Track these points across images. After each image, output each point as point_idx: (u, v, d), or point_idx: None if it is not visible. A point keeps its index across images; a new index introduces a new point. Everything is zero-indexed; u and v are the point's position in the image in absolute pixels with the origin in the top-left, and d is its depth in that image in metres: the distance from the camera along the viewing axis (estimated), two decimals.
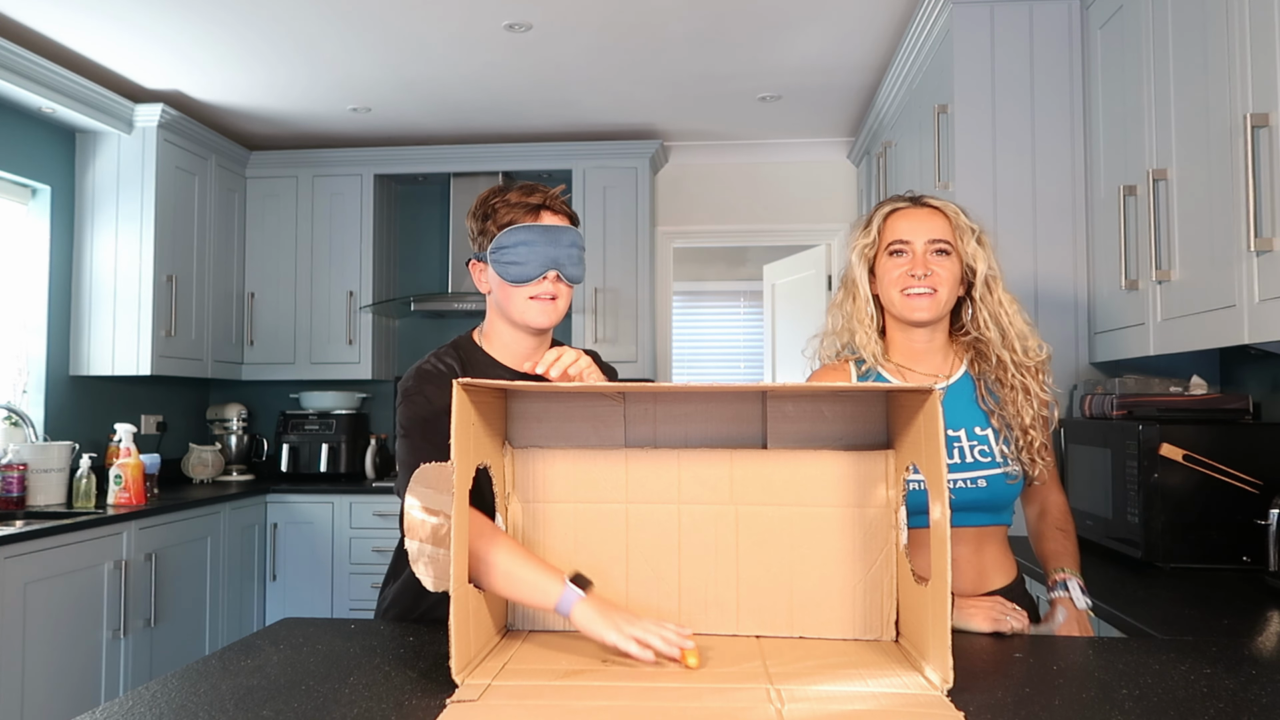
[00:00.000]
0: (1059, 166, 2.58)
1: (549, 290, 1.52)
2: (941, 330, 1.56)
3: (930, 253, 1.51)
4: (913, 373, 1.55)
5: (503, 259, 1.51)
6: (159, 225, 3.73)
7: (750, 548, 1.32)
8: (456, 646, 1.09)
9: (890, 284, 1.53)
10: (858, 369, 1.57)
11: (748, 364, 6.53)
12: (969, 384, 1.54)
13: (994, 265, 1.53)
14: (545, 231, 1.51)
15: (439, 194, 4.66)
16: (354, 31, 3.13)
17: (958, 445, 1.49)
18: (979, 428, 1.50)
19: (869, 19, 3.06)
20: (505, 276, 1.51)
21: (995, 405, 1.51)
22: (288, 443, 4.32)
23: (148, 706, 1.04)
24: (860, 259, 1.57)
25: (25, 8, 2.92)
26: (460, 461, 1.13)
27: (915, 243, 1.51)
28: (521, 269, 1.50)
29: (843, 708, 1.02)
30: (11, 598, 2.63)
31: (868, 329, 1.56)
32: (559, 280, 1.53)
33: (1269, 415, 2.23)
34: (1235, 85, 1.74)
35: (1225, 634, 1.54)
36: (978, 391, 1.53)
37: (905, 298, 1.51)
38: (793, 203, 4.49)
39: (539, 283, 1.51)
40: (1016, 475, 1.50)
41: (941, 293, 1.50)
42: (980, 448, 1.49)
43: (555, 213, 1.55)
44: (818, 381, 1.60)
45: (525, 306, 1.52)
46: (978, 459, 1.49)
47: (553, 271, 1.52)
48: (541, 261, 1.50)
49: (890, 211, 1.57)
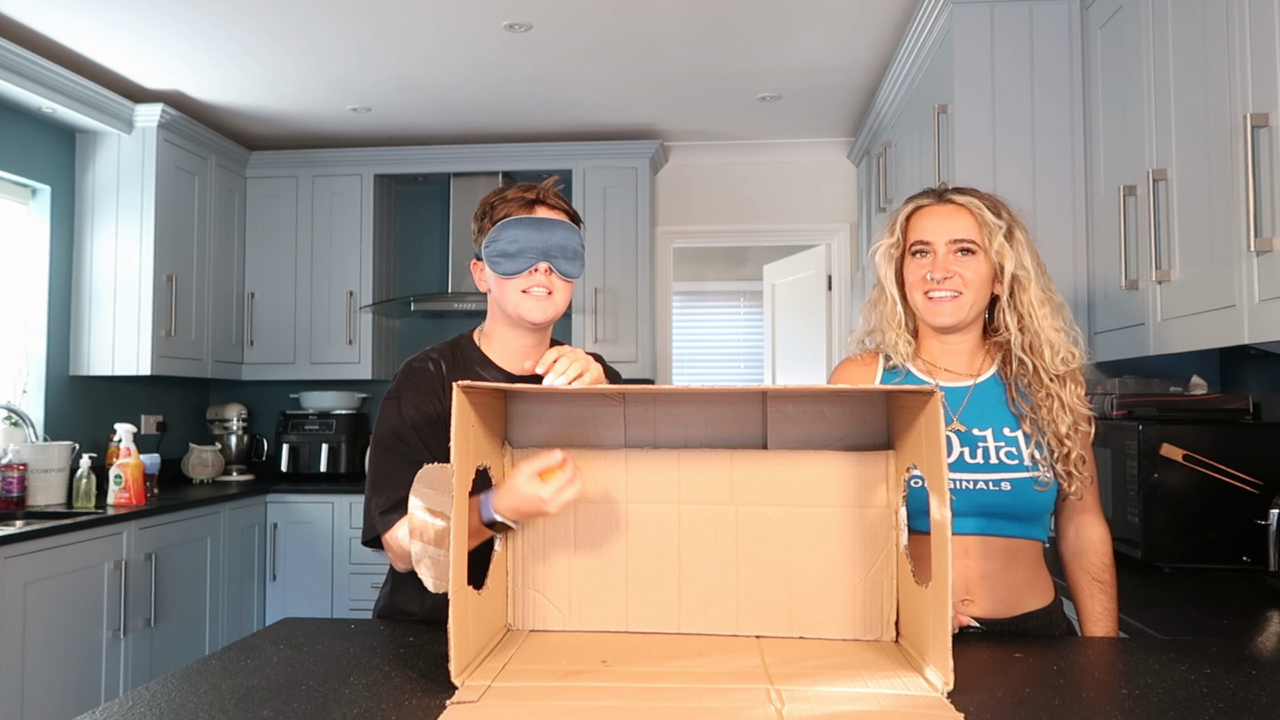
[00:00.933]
0: (1059, 166, 2.57)
1: (541, 283, 1.50)
2: (974, 331, 1.51)
3: (953, 253, 1.45)
4: (941, 371, 1.50)
5: (494, 252, 1.51)
6: (159, 225, 3.73)
7: (750, 548, 1.32)
8: (455, 648, 1.09)
9: (914, 286, 1.48)
10: (885, 362, 1.54)
11: (748, 364, 6.53)
12: (998, 385, 1.49)
13: (1026, 264, 1.45)
14: (537, 224, 1.51)
15: (439, 194, 4.66)
16: (354, 31, 3.13)
17: (983, 445, 1.43)
18: (1008, 429, 1.44)
19: (869, 19, 3.06)
20: (497, 270, 1.51)
21: (1029, 409, 1.45)
22: (288, 443, 4.32)
23: (148, 706, 1.04)
24: (886, 260, 1.53)
25: (25, 8, 2.91)
26: (460, 463, 1.13)
27: (936, 243, 1.46)
28: (511, 261, 1.50)
29: (843, 708, 1.02)
30: (11, 598, 2.63)
31: (897, 330, 1.52)
32: (551, 273, 1.51)
33: (1269, 415, 2.23)
34: (1235, 85, 1.74)
35: (1225, 634, 1.54)
36: (1009, 394, 1.47)
37: (928, 301, 1.46)
38: (793, 203, 4.49)
39: (530, 274, 1.50)
40: (1047, 483, 1.43)
41: (966, 295, 1.44)
42: (1007, 449, 1.43)
43: (551, 208, 1.54)
44: (842, 372, 1.58)
45: (519, 300, 1.51)
46: (1004, 460, 1.42)
47: (543, 264, 1.50)
48: (531, 253, 1.49)
49: (913, 210, 1.51)
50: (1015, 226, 1.47)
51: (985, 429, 1.44)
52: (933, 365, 1.51)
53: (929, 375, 1.50)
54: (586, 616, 1.33)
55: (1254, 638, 1.52)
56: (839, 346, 4.45)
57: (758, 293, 6.03)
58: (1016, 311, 1.46)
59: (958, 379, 1.50)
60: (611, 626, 1.33)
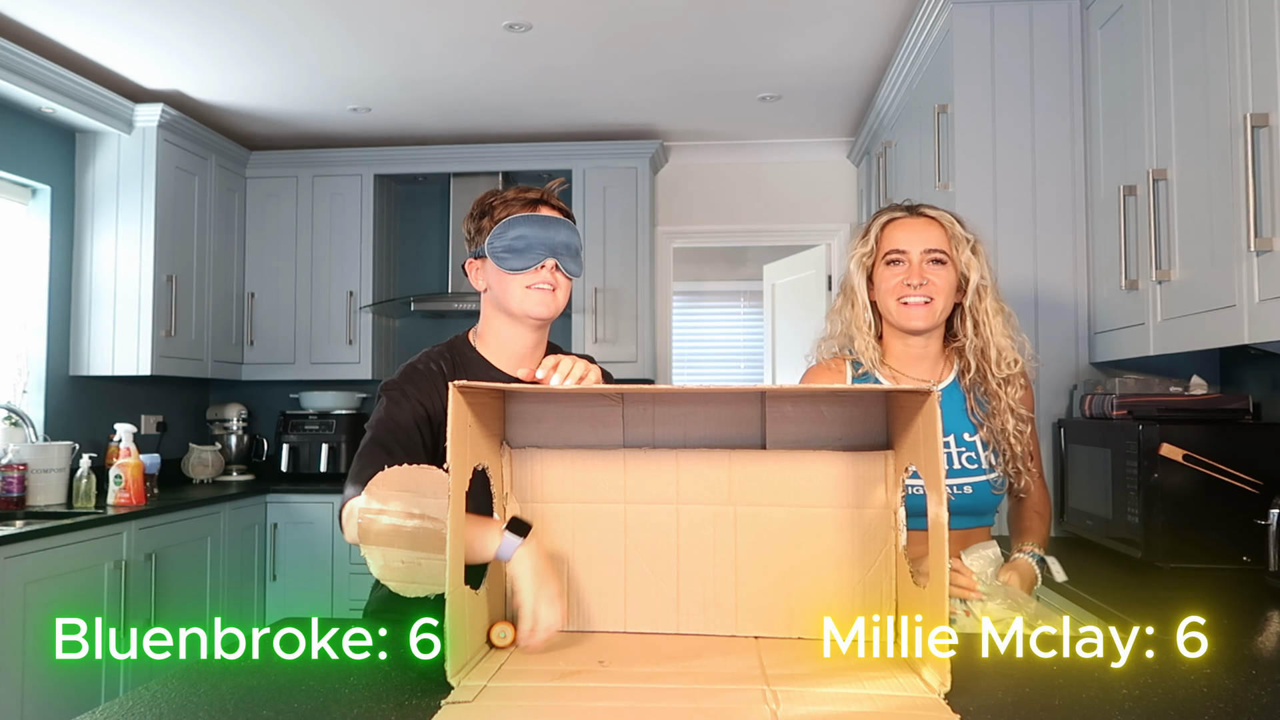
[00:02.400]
0: (1059, 166, 2.57)
1: (548, 279, 1.53)
2: (936, 337, 1.61)
3: (926, 262, 1.55)
4: (906, 377, 1.60)
5: (501, 249, 1.52)
6: (159, 225, 3.73)
7: (749, 548, 1.32)
8: (452, 648, 1.09)
9: (887, 292, 1.58)
10: (854, 369, 1.62)
11: (748, 364, 6.53)
12: (957, 391, 1.59)
13: (987, 275, 1.57)
14: (543, 221, 1.53)
15: (439, 194, 4.66)
16: (354, 31, 3.13)
17: (946, 450, 1.51)
18: (967, 434, 1.55)
19: (869, 19, 3.06)
20: (504, 266, 1.52)
21: (984, 414, 1.56)
22: (288, 443, 4.32)
23: (148, 706, 1.04)
24: (859, 267, 1.62)
25: (25, 8, 2.92)
26: (457, 464, 1.13)
27: (911, 252, 1.56)
28: (520, 257, 1.51)
29: (839, 709, 1.02)
30: (11, 598, 2.63)
31: (865, 335, 1.61)
32: (557, 270, 1.54)
33: (1269, 415, 2.23)
34: (1235, 85, 1.74)
35: (1225, 634, 1.54)
36: (967, 400, 1.58)
37: (902, 306, 1.56)
38: (793, 203, 4.49)
39: (537, 270, 1.52)
40: (1001, 484, 1.56)
41: (937, 301, 1.55)
42: (968, 454, 1.54)
43: (553, 208, 1.57)
44: (813, 378, 1.66)
45: (524, 295, 1.52)
46: (965, 465, 1.54)
47: (551, 260, 1.53)
48: (539, 250, 1.52)
49: (888, 221, 1.61)
50: (978, 241, 1.60)
51: (948, 434, 1.54)
52: (898, 372, 1.61)
53: (893, 381, 1.59)
54: (584, 617, 1.33)
55: (1254, 638, 1.52)
56: None
57: (758, 293, 6.03)
58: (974, 318, 1.58)
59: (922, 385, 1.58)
60: (609, 627, 1.33)
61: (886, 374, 1.61)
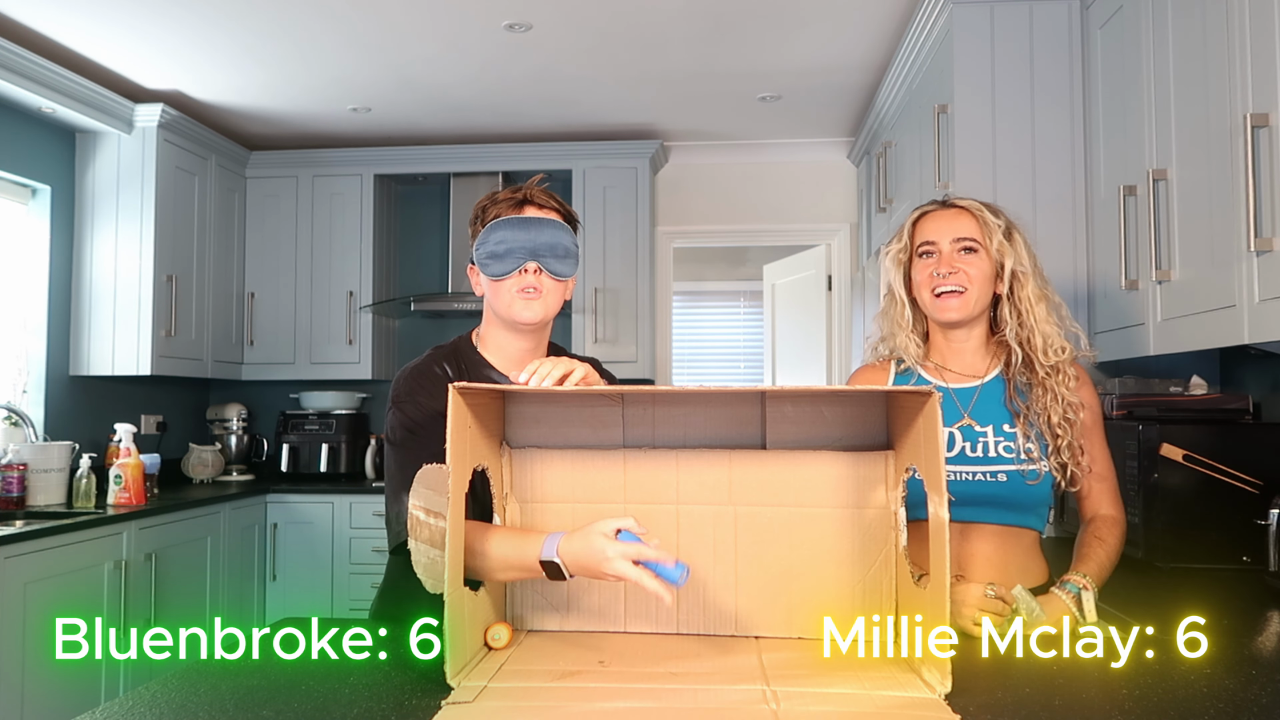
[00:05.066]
0: (1059, 166, 2.57)
1: (530, 283, 1.48)
2: (979, 329, 1.59)
3: (957, 251, 1.54)
4: (949, 372, 1.58)
5: (484, 255, 1.49)
6: (159, 225, 3.72)
7: (749, 548, 1.32)
8: (451, 649, 1.09)
9: (921, 285, 1.57)
10: (897, 368, 1.62)
11: (748, 364, 6.53)
12: (1001, 384, 1.57)
13: (1024, 262, 1.54)
14: (524, 224, 1.48)
15: (439, 194, 4.65)
16: (354, 31, 3.13)
17: (983, 440, 1.51)
18: (1007, 425, 1.53)
19: (869, 19, 3.06)
20: (486, 272, 1.50)
21: (1023, 405, 1.53)
22: (288, 443, 4.32)
23: (148, 706, 1.04)
24: (895, 264, 1.61)
25: (25, 8, 2.91)
26: (456, 464, 1.13)
27: (941, 242, 1.55)
28: (501, 261, 1.48)
29: (839, 709, 1.02)
30: (11, 598, 2.63)
31: (907, 333, 1.60)
32: (540, 273, 1.48)
33: (1269, 415, 2.23)
34: (1235, 85, 1.74)
35: (1225, 634, 1.54)
36: (1007, 391, 1.55)
37: (935, 299, 1.54)
38: (793, 203, 4.49)
39: (519, 275, 1.48)
40: (1039, 475, 1.50)
41: (971, 291, 1.53)
42: (1005, 444, 1.51)
43: (540, 206, 1.52)
44: (856, 379, 1.67)
45: (510, 301, 1.49)
46: (1001, 454, 1.51)
47: (532, 264, 1.48)
48: (519, 253, 1.47)
49: (919, 216, 1.61)
50: (1013, 228, 1.57)
51: (987, 425, 1.53)
52: (942, 367, 1.60)
53: (938, 377, 1.58)
54: (584, 617, 1.33)
55: (1254, 638, 1.52)
56: (839, 347, 4.45)
57: (758, 293, 6.03)
58: (1016, 308, 1.54)
59: (965, 380, 1.58)
60: (609, 627, 1.33)
61: (930, 370, 1.59)
